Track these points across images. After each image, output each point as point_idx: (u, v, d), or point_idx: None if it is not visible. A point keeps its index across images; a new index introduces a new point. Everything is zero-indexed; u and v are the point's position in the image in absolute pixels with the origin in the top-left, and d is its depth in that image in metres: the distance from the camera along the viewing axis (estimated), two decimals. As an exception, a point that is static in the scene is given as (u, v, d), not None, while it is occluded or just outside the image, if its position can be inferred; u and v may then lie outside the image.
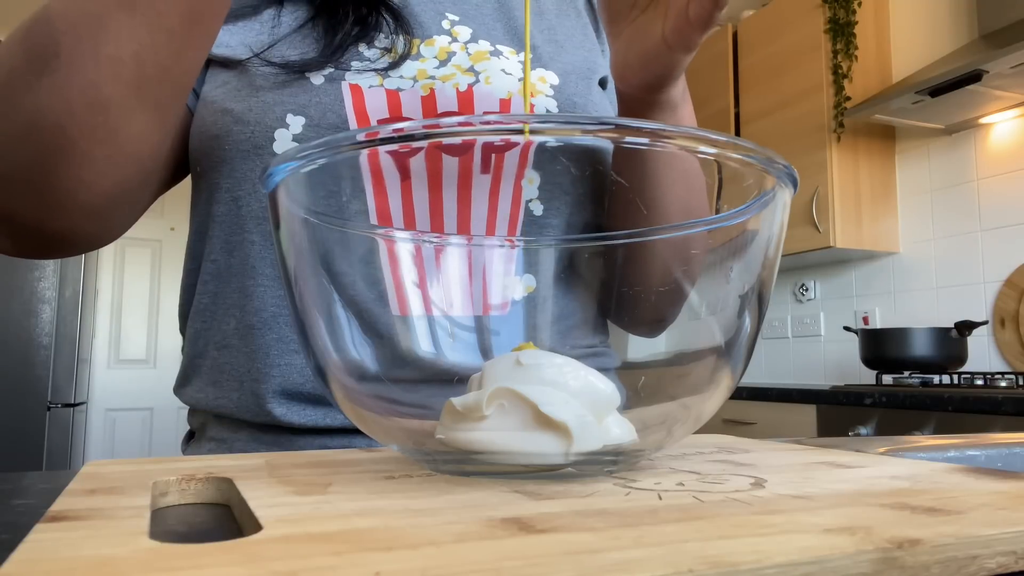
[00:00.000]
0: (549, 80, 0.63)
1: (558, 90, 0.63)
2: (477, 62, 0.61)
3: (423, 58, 0.60)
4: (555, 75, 0.63)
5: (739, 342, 0.35)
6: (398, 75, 0.59)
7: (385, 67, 0.59)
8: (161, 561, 0.19)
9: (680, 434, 0.36)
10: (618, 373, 0.38)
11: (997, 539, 0.23)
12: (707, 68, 3.09)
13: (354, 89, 0.57)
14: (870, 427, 1.97)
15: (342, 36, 0.59)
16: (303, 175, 0.33)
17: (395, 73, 0.59)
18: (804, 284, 2.96)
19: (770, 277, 0.36)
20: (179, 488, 0.32)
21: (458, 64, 0.61)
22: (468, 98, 0.59)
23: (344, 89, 0.57)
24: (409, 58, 0.60)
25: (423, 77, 0.59)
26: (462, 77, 0.60)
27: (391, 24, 0.61)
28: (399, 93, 0.58)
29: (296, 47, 0.59)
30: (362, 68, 0.58)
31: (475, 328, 0.39)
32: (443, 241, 0.44)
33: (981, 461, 0.51)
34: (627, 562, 0.19)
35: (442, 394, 0.34)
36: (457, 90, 0.59)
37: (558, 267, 0.43)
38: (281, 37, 0.59)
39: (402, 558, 0.19)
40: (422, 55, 0.61)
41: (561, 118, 0.29)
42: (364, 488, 0.30)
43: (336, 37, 0.59)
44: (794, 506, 0.26)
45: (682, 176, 0.39)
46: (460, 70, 0.60)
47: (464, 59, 0.61)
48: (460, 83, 0.59)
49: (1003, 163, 2.33)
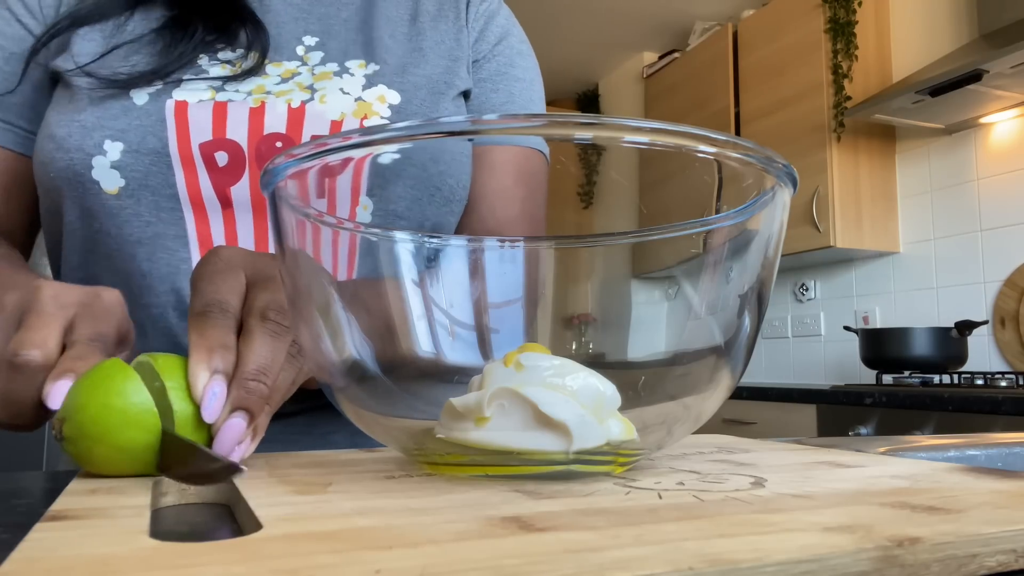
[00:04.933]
0: (389, 99, 0.60)
1: (397, 110, 0.60)
2: (319, 80, 0.60)
3: (266, 75, 0.60)
4: (397, 93, 0.61)
5: (739, 342, 0.35)
6: (234, 88, 0.58)
7: (223, 78, 0.58)
8: (161, 560, 0.19)
9: (680, 434, 0.36)
10: (618, 373, 0.38)
11: (997, 538, 0.23)
12: (707, 68, 3.09)
13: (179, 106, 0.56)
14: (870, 427, 1.97)
15: (187, 46, 0.58)
16: (300, 175, 0.33)
17: (231, 87, 0.58)
18: (804, 284, 2.96)
19: (770, 277, 0.36)
20: (179, 488, 0.32)
21: (299, 82, 0.60)
22: (299, 115, 0.57)
23: (168, 108, 0.56)
24: (253, 74, 0.59)
25: (259, 92, 0.58)
26: (298, 94, 0.58)
27: (248, 38, 0.60)
28: (227, 105, 0.57)
29: (131, 58, 0.58)
30: (195, 80, 0.57)
31: (475, 328, 0.39)
32: (443, 242, 0.44)
33: (981, 461, 0.51)
34: (627, 560, 0.19)
35: (442, 394, 0.34)
36: (289, 106, 0.57)
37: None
38: (116, 46, 0.58)
39: (402, 556, 0.19)
40: (267, 72, 0.60)
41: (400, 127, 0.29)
42: (364, 488, 0.30)
43: (179, 47, 0.58)
44: (794, 505, 0.26)
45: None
46: (300, 87, 0.59)
47: (307, 78, 0.60)
48: (294, 100, 0.58)
49: (1003, 163, 2.32)
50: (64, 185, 0.56)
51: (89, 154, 0.55)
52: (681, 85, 3.24)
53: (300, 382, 0.41)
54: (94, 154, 0.55)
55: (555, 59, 3.58)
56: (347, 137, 0.30)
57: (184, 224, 0.56)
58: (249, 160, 0.56)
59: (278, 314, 0.38)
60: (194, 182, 0.56)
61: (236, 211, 0.57)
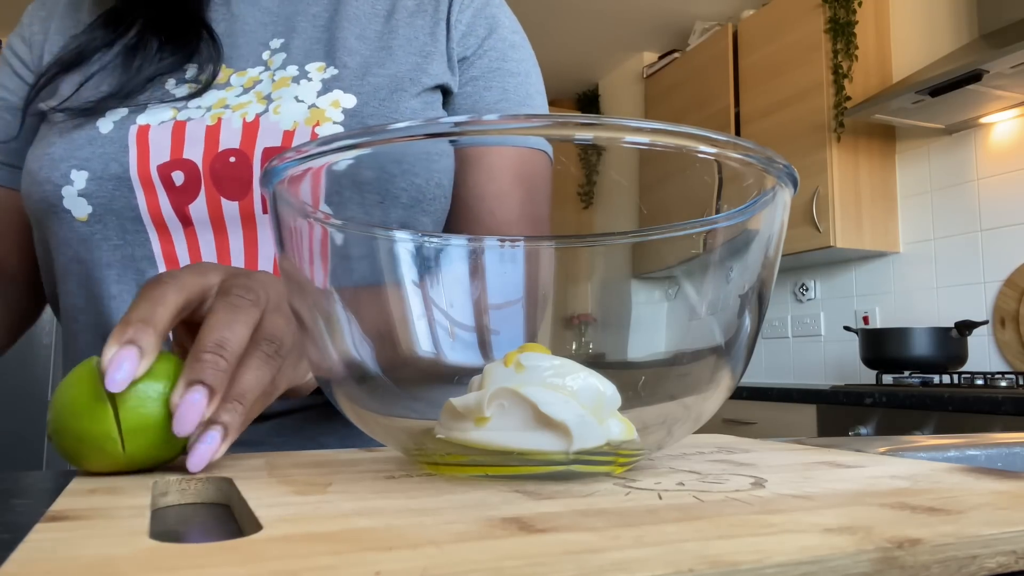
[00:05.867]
0: (343, 104, 0.59)
1: (351, 114, 0.59)
2: (276, 89, 0.60)
3: (230, 87, 0.60)
4: (353, 97, 0.60)
5: (739, 342, 0.35)
6: (196, 105, 0.59)
7: (186, 96, 0.59)
8: (161, 561, 0.19)
9: (680, 434, 0.36)
10: (618, 373, 0.37)
11: (997, 539, 0.23)
12: (707, 68, 3.08)
13: (141, 131, 0.57)
14: (870, 427, 1.97)
15: (147, 66, 0.59)
16: (298, 176, 0.33)
17: (193, 103, 0.59)
18: (804, 284, 2.96)
19: (770, 277, 0.36)
20: (179, 488, 0.32)
21: (259, 92, 0.60)
22: (253, 129, 0.58)
23: (131, 133, 0.57)
24: (215, 87, 0.59)
25: (219, 106, 0.59)
26: (254, 106, 0.59)
27: (206, 52, 0.60)
28: (186, 124, 0.58)
29: (99, 86, 0.59)
30: (161, 103, 0.58)
31: (475, 328, 0.39)
32: (443, 242, 0.44)
33: (981, 461, 0.51)
34: (627, 562, 0.19)
35: (442, 394, 0.34)
36: (244, 120, 0.58)
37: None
38: (89, 77, 0.60)
39: (402, 558, 0.19)
40: (231, 84, 0.60)
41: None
42: (364, 488, 0.30)
43: (137, 64, 0.59)
44: (794, 506, 0.26)
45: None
46: (258, 97, 0.59)
47: (267, 86, 0.60)
48: (249, 113, 0.58)
49: (1003, 163, 2.32)
50: (42, 216, 0.59)
51: (58, 184, 0.57)
52: (681, 85, 3.24)
53: (282, 386, 0.41)
54: (62, 184, 0.57)
55: (555, 59, 3.58)
56: (351, 136, 0.30)
57: (150, 245, 0.58)
58: (204, 178, 0.57)
59: (242, 289, 0.38)
60: (155, 203, 0.57)
61: (197, 229, 0.58)
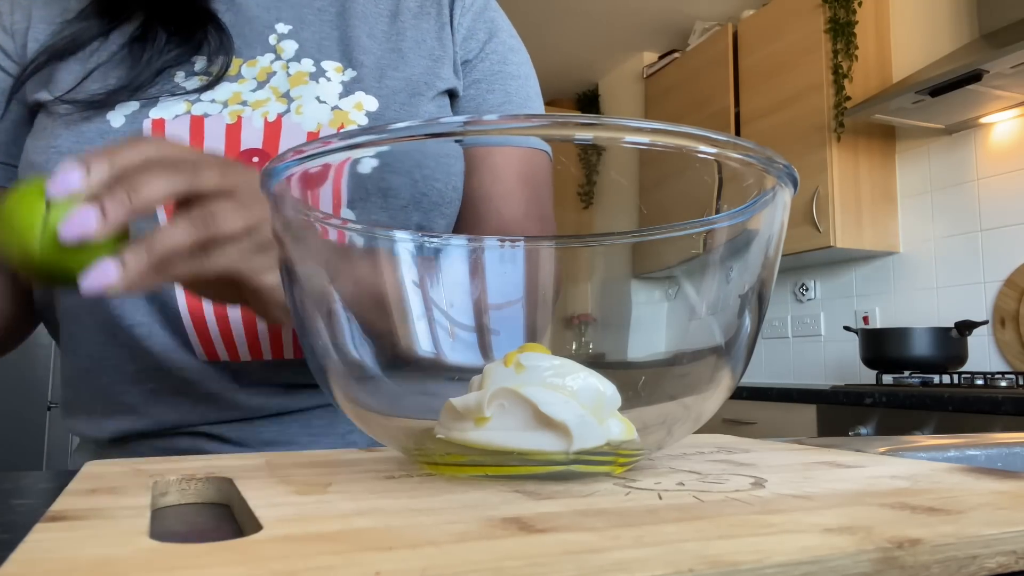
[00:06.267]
0: (366, 106, 0.59)
1: (375, 117, 0.59)
2: (295, 86, 0.59)
3: (242, 79, 0.59)
4: (375, 100, 0.60)
5: (739, 342, 0.35)
6: (209, 99, 0.58)
7: (197, 89, 0.57)
8: (161, 561, 0.19)
9: (680, 434, 0.36)
10: (618, 373, 0.37)
11: (997, 539, 0.23)
12: (707, 68, 3.08)
13: (156, 124, 0.56)
14: (870, 427, 1.97)
15: (156, 58, 0.58)
16: (298, 179, 0.33)
17: (207, 96, 0.58)
18: (804, 284, 2.96)
19: (770, 277, 0.36)
20: (179, 488, 0.32)
21: (275, 87, 0.59)
22: (276, 129, 0.57)
23: (146, 128, 0.56)
24: (226, 79, 0.58)
25: (235, 102, 0.58)
26: (275, 104, 0.58)
27: (214, 43, 0.59)
28: (204, 120, 0.57)
29: (106, 79, 0.58)
30: (171, 96, 0.57)
31: (475, 328, 0.39)
32: (443, 242, 0.44)
33: (981, 461, 0.51)
34: (627, 562, 0.19)
35: (442, 394, 0.34)
36: (266, 120, 0.57)
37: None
38: (92, 70, 0.58)
39: (402, 558, 0.19)
40: (242, 75, 0.59)
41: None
42: (364, 488, 0.30)
43: (146, 57, 0.58)
44: (794, 506, 0.26)
45: None
46: (276, 95, 0.58)
47: (283, 80, 0.59)
48: (270, 112, 0.57)
49: (1003, 163, 2.32)
50: None
51: None
52: (681, 85, 3.24)
53: (219, 261, 0.40)
54: None
55: (555, 59, 3.58)
56: (348, 136, 0.30)
57: None
58: None
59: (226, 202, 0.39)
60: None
61: None
